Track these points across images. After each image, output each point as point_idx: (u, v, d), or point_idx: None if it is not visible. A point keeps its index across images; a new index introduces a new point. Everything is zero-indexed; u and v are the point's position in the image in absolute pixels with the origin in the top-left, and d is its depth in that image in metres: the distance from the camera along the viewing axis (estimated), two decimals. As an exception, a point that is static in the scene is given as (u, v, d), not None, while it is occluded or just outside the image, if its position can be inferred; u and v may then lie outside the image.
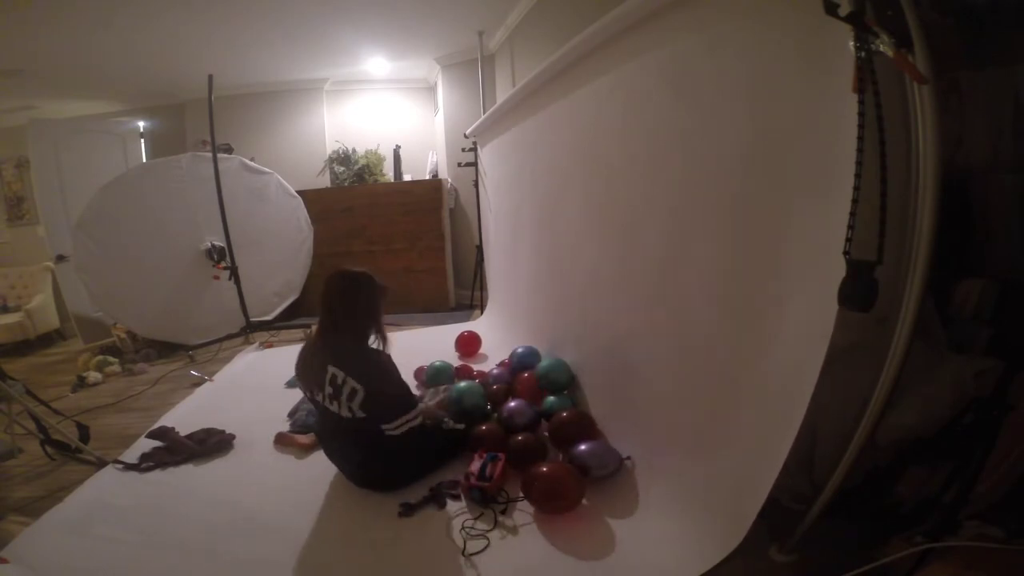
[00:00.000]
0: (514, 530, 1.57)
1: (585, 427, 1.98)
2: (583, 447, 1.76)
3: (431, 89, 5.41)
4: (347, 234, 4.87)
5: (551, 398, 2.21)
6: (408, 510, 1.67)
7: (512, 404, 2.14)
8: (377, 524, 1.63)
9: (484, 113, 3.81)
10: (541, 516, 1.60)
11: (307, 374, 1.79)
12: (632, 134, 1.91)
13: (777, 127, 1.28)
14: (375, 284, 1.83)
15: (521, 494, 1.66)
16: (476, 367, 2.88)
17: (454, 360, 3.03)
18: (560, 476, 1.63)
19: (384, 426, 1.71)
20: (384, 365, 1.75)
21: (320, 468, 1.94)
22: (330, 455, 1.92)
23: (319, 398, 1.75)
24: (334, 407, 1.69)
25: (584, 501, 1.63)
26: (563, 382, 2.36)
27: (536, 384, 2.37)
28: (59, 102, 4.79)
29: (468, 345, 3.31)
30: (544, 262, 2.88)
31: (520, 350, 2.70)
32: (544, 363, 2.44)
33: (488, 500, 1.67)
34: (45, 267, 4.87)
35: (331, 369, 1.69)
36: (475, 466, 1.74)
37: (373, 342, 1.82)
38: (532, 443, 1.89)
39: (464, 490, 1.73)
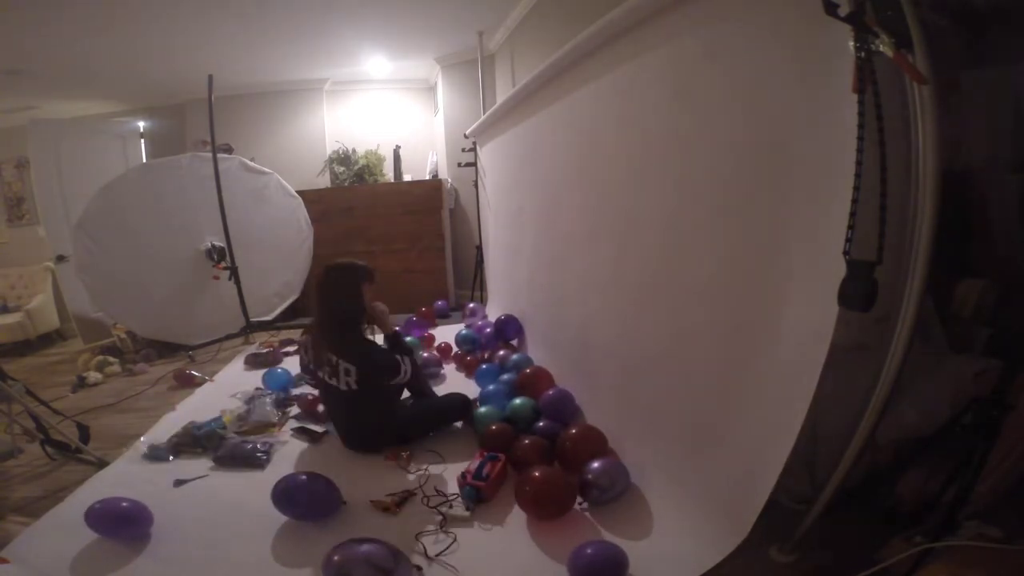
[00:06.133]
0: (511, 529, 1.57)
1: (595, 444, 1.86)
2: (595, 464, 1.66)
3: (431, 89, 5.40)
4: (347, 234, 4.86)
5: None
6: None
7: (551, 392, 2.25)
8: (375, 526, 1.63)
9: (484, 113, 3.81)
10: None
11: (315, 354, 2.10)
12: (632, 134, 1.91)
13: (777, 127, 1.28)
14: (357, 271, 2.11)
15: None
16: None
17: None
18: (549, 482, 1.58)
19: (391, 383, 2.08)
20: (369, 344, 2.11)
21: (320, 468, 1.93)
22: (333, 422, 2.28)
23: (321, 374, 2.07)
24: (333, 382, 2.03)
25: (584, 507, 1.62)
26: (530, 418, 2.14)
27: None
28: (59, 102, 4.78)
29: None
30: (544, 262, 2.88)
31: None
32: (517, 402, 2.19)
33: (482, 499, 1.67)
34: (45, 267, 4.87)
35: (327, 354, 2.03)
36: (473, 464, 1.75)
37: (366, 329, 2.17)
38: (538, 447, 1.84)
39: (459, 486, 1.73)
